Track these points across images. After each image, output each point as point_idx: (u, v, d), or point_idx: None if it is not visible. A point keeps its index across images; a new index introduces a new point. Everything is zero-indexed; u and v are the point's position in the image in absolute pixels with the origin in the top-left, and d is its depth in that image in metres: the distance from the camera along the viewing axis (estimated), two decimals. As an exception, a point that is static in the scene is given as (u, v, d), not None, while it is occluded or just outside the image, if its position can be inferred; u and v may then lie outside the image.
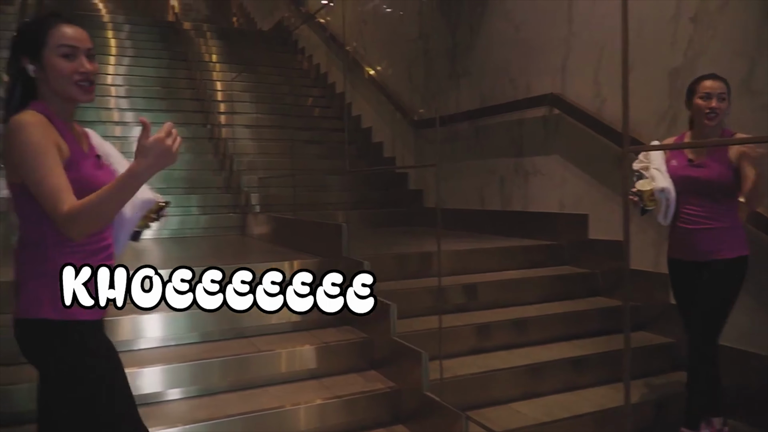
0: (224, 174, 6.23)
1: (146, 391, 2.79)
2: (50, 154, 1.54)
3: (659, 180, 2.72)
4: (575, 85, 4.28)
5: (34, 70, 1.63)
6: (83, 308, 1.61)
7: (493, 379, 3.08)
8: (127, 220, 1.81)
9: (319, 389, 3.00)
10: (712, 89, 2.68)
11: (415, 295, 3.54)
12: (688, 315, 2.86)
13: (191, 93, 7.49)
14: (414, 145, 6.24)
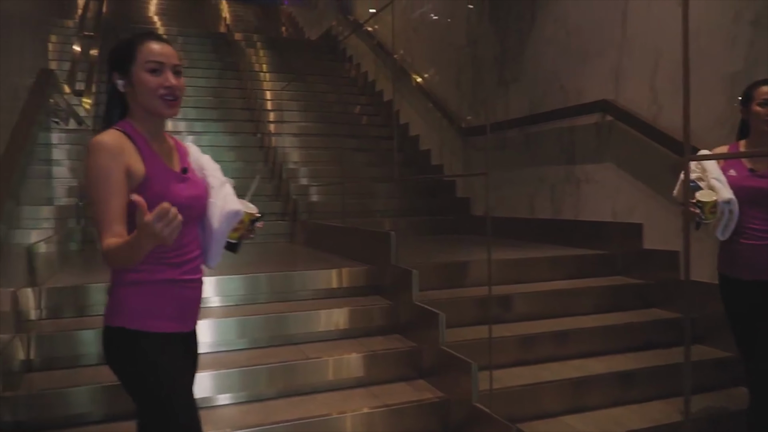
0: (274, 182, 6.31)
1: (197, 396, 2.81)
2: (112, 180, 1.58)
3: (723, 191, 2.52)
4: (629, 90, 4.19)
5: (124, 85, 1.70)
6: (156, 321, 1.68)
7: (543, 391, 3.02)
8: (215, 231, 1.81)
9: (367, 397, 2.99)
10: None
11: (463, 305, 3.51)
12: (745, 337, 2.66)
13: (242, 102, 7.63)
14: (462, 152, 6.21)
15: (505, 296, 3.65)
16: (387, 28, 7.45)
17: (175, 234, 1.42)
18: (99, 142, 1.61)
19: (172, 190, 1.69)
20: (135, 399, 1.70)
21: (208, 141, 6.66)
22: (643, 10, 4.05)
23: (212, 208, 1.80)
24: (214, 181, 1.84)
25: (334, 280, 3.81)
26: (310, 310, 3.45)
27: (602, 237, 4.38)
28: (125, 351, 1.68)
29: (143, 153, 1.68)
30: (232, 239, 1.88)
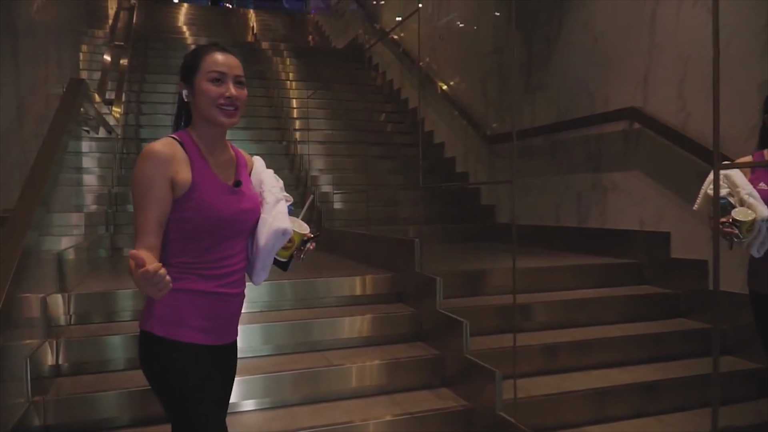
0: (300, 189, 6.35)
1: (222, 401, 2.85)
2: (154, 189, 1.60)
3: (760, 208, 2.43)
4: (657, 98, 4.14)
5: (187, 95, 1.74)
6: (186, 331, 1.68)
7: (567, 401, 2.99)
8: (261, 248, 1.77)
9: (391, 405, 2.99)
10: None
11: (487, 313, 3.49)
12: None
13: (268, 110, 7.71)
14: (487, 160, 6.18)
15: (530, 305, 3.62)
16: (413, 36, 7.46)
17: (164, 292, 1.41)
18: (149, 149, 1.63)
19: (218, 202, 1.69)
20: (163, 405, 1.71)
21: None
22: (671, 16, 4.01)
23: (261, 225, 1.78)
24: (269, 197, 1.82)
25: (358, 287, 3.82)
26: (334, 317, 3.46)
27: (629, 245, 4.32)
28: (155, 356, 1.69)
29: (193, 162, 1.68)
30: (281, 257, 1.85)
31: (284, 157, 6.88)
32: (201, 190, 1.66)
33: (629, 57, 4.36)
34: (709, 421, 2.88)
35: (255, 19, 12.46)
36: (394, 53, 8.62)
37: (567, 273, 4.13)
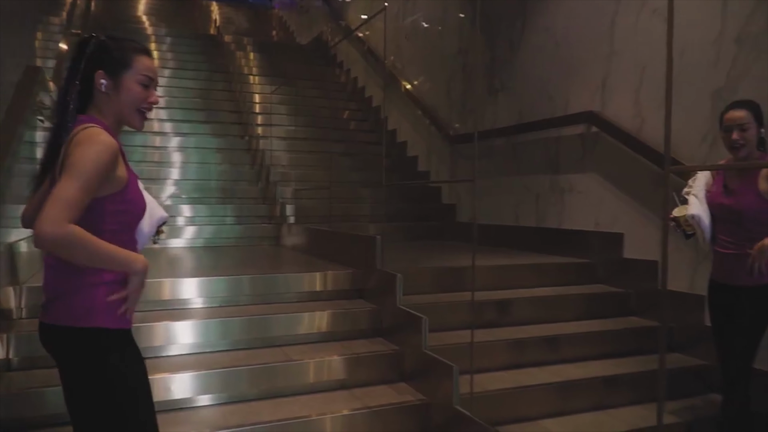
0: (260, 185, 6.32)
1: (177, 396, 2.84)
2: (98, 177, 1.57)
3: (692, 206, 2.76)
4: (615, 103, 4.25)
5: (106, 87, 1.70)
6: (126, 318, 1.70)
7: (524, 396, 3.06)
8: (145, 235, 1.92)
9: (349, 399, 3.00)
10: (732, 121, 2.67)
11: (447, 309, 3.54)
12: (719, 337, 2.84)
13: (230, 105, 7.63)
14: (449, 160, 6.25)
15: (489, 302, 3.68)
16: (378, 34, 7.49)
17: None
18: (103, 140, 1.59)
19: (140, 197, 1.76)
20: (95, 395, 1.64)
21: (194, 143, 6.65)
22: (630, 25, 4.12)
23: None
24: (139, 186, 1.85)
25: (319, 283, 3.82)
26: (293, 312, 3.45)
27: (585, 246, 4.43)
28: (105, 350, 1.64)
29: (123, 156, 1.70)
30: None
31: (245, 153, 6.82)
32: (132, 182, 1.71)
33: (589, 63, 4.47)
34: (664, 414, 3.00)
35: (218, 11, 12.28)
36: (359, 51, 8.62)
37: (525, 271, 4.21)
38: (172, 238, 5.49)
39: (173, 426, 2.62)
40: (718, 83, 3.48)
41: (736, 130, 2.65)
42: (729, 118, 2.69)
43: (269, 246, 5.68)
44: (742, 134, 2.64)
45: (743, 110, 2.67)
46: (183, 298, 3.49)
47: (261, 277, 3.74)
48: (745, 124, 2.64)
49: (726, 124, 2.70)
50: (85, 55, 1.70)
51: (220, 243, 5.62)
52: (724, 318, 2.79)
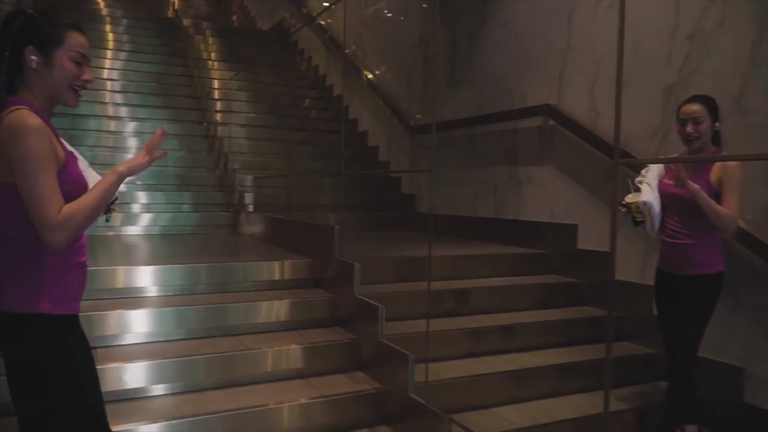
0: (218, 172, 6.24)
1: (131, 386, 2.80)
2: (50, 165, 1.56)
3: (645, 194, 2.85)
4: (571, 97, 4.32)
5: (37, 63, 1.64)
6: (75, 303, 1.69)
7: (479, 384, 3.11)
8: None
9: (305, 389, 3.01)
10: (686, 114, 2.76)
11: (405, 299, 3.56)
12: (665, 325, 2.95)
13: (188, 90, 7.49)
14: (409, 150, 6.27)
15: (447, 291, 3.73)
16: (340, 22, 7.44)
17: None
18: (30, 123, 1.54)
19: (80, 175, 1.72)
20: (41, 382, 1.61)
21: (151, 128, 6.51)
22: (586, 20, 4.19)
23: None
24: (81, 164, 1.82)
25: (277, 272, 3.81)
26: (250, 301, 3.44)
27: (540, 237, 4.51)
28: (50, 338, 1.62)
29: (57, 137, 1.67)
30: None
31: (203, 139, 6.72)
32: (71, 163, 1.68)
33: (546, 57, 4.53)
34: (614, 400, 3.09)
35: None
36: (321, 39, 8.56)
37: (482, 261, 4.27)
38: (128, 226, 5.39)
39: (125, 416, 2.58)
40: (670, 79, 3.57)
41: (690, 123, 2.74)
42: (684, 112, 2.78)
43: (227, 234, 5.63)
44: (695, 127, 2.73)
45: (698, 104, 2.76)
46: (138, 287, 3.43)
47: (218, 265, 3.71)
48: (699, 118, 2.73)
49: (681, 117, 2.79)
50: (11, 30, 1.64)
51: (177, 231, 5.54)
52: (670, 306, 2.89)
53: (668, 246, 2.88)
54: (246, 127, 6.94)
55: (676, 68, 3.52)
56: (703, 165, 2.79)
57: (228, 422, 2.69)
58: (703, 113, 2.74)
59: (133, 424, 2.54)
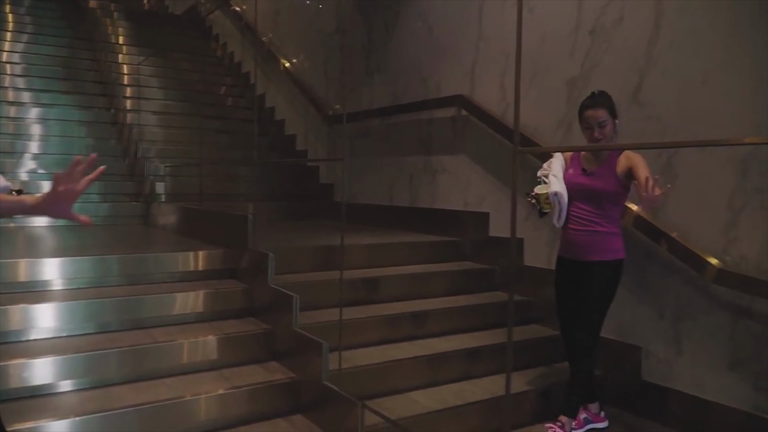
0: (128, 161, 6.02)
1: (35, 382, 2.70)
2: None
3: (554, 185, 2.93)
4: (483, 88, 4.44)
5: None
6: None
7: (393, 370, 3.15)
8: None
9: (219, 380, 2.98)
10: (593, 119, 2.86)
11: (319, 288, 3.56)
12: (564, 310, 3.07)
13: (94, 75, 7.17)
14: (327, 139, 6.26)
15: (362, 279, 3.76)
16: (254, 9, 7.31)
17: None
18: None
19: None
20: None
21: (56, 114, 6.22)
22: (497, 12, 4.31)
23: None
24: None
25: (190, 263, 3.74)
26: (163, 293, 3.37)
27: (454, 225, 4.62)
28: None
29: None
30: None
31: (111, 126, 6.46)
32: None
33: (459, 48, 4.63)
34: (521, 382, 3.22)
35: (82, -26, 11.45)
36: (236, 25, 8.38)
37: (397, 249, 4.33)
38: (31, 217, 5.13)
39: (28, 413, 2.48)
40: (573, 72, 3.73)
41: (596, 129, 2.85)
42: (590, 117, 2.86)
43: (138, 225, 5.45)
44: (601, 131, 2.85)
45: (602, 109, 2.86)
46: (43, 280, 3.30)
47: (130, 257, 3.60)
48: (603, 122, 2.85)
49: (587, 122, 2.88)
50: None
51: (85, 222, 5.31)
52: (573, 293, 3.00)
53: (573, 234, 2.97)
54: (158, 115, 6.72)
55: (579, 62, 3.69)
56: (609, 157, 2.90)
57: (144, 415, 2.64)
58: (606, 117, 2.85)
59: (39, 421, 2.44)
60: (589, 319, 2.93)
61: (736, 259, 2.89)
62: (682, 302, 3.14)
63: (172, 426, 2.71)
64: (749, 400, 2.84)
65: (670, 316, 3.19)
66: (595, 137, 2.85)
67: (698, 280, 3.03)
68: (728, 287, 2.90)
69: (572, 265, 3.00)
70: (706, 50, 3.05)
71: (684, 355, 3.13)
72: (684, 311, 3.13)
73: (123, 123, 6.38)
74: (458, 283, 4.12)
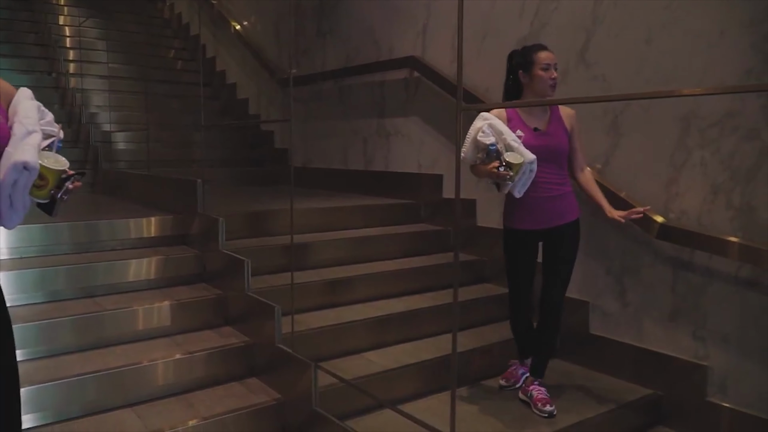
0: (73, 127, 5.83)
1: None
2: None
3: (527, 154, 2.65)
4: (434, 48, 4.41)
5: None
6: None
7: (346, 331, 3.17)
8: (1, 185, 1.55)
9: (174, 346, 2.97)
10: (551, 60, 2.76)
11: (271, 252, 3.55)
12: (523, 281, 2.94)
13: (35, 38, 6.89)
14: (281, 103, 6.17)
15: (315, 243, 3.75)
16: (202, -32, 7.09)
17: None
18: None
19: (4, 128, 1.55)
20: None
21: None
22: (447, -28, 4.27)
23: (4, 159, 1.57)
24: (18, 129, 1.63)
25: (143, 230, 3.69)
26: (114, 260, 3.32)
27: (409, 187, 4.64)
28: None
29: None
30: (39, 198, 1.67)
31: (54, 91, 6.24)
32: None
33: (411, 8, 4.58)
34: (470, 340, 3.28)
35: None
36: (183, -15, 8.13)
37: (353, 213, 4.32)
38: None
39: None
40: (523, 32, 3.73)
41: (553, 69, 2.74)
42: (547, 58, 2.74)
43: (85, 193, 5.31)
44: (555, 74, 2.75)
45: (552, 52, 2.77)
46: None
47: (81, 224, 3.52)
48: (557, 64, 2.78)
49: (545, 63, 2.73)
50: None
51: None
52: (532, 263, 2.90)
53: (543, 201, 2.77)
54: (103, 79, 6.50)
55: (528, 22, 3.69)
56: (553, 113, 2.83)
57: (101, 382, 2.64)
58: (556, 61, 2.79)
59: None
60: (567, 279, 2.89)
61: (678, 215, 2.98)
62: (627, 258, 3.23)
63: (129, 392, 2.71)
64: (689, 349, 2.97)
65: (615, 271, 3.29)
66: (555, 77, 2.74)
67: (642, 236, 3.11)
68: (670, 242, 2.99)
69: (533, 235, 2.85)
70: (649, 8, 3.08)
71: (628, 307, 3.24)
72: (628, 266, 3.23)
73: (66, 87, 6.17)
74: (413, 245, 4.15)
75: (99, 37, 7.20)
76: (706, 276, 2.89)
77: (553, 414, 2.78)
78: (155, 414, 2.64)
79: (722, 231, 2.80)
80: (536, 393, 2.87)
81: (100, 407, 2.63)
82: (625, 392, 3.07)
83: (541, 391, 2.88)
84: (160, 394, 2.78)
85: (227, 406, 2.70)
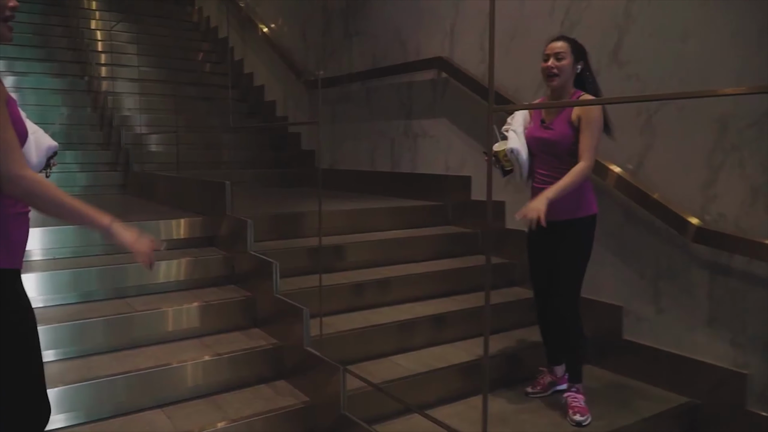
0: (105, 130, 5.92)
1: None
2: (3, 111, 1.50)
3: (511, 141, 2.76)
4: (462, 49, 4.38)
5: None
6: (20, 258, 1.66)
7: (375, 334, 3.15)
8: (34, 166, 1.88)
9: (203, 348, 2.98)
10: (550, 50, 2.71)
11: (300, 254, 3.56)
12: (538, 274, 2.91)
13: (67, 42, 7.01)
14: (308, 104, 6.18)
15: (343, 245, 3.74)
16: (231, -29, 7.14)
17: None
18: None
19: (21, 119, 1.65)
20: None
21: (30, 83, 6.09)
22: (476, -28, 4.23)
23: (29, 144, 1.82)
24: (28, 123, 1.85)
25: (172, 231, 3.72)
26: (144, 262, 3.34)
27: (436, 189, 4.60)
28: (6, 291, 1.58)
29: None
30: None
31: (86, 94, 6.33)
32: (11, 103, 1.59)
33: (438, 8, 4.55)
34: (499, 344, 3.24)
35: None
36: (212, -11, 8.20)
37: (380, 215, 4.30)
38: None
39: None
40: (553, 31, 3.65)
41: (552, 59, 2.69)
42: (548, 48, 2.73)
43: (116, 195, 5.39)
44: (556, 63, 2.68)
45: (561, 41, 2.72)
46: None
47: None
48: (560, 54, 2.68)
49: (545, 54, 2.73)
50: None
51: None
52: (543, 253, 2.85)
53: (538, 192, 2.69)
54: (134, 82, 6.59)
55: (559, 21, 3.63)
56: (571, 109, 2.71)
57: (131, 383, 2.66)
58: (565, 50, 2.70)
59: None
60: (568, 286, 2.77)
61: (715, 217, 2.90)
62: (661, 261, 3.16)
63: (159, 393, 2.73)
64: (727, 357, 2.89)
65: (650, 275, 3.21)
66: (548, 66, 2.69)
67: (678, 239, 3.04)
68: (707, 245, 2.91)
69: (540, 232, 2.65)
70: (685, 6, 3.01)
71: (663, 313, 3.16)
72: (663, 270, 3.15)
73: (98, 91, 6.26)
74: (440, 248, 4.12)
75: (130, 41, 7.29)
76: (745, 281, 2.81)
77: (582, 424, 2.71)
78: (184, 415, 2.65)
79: (762, 234, 2.72)
80: (570, 400, 2.81)
81: (130, 408, 2.65)
82: (661, 400, 3.00)
83: (577, 398, 2.81)
84: (189, 395, 2.79)
85: (255, 409, 2.69)
